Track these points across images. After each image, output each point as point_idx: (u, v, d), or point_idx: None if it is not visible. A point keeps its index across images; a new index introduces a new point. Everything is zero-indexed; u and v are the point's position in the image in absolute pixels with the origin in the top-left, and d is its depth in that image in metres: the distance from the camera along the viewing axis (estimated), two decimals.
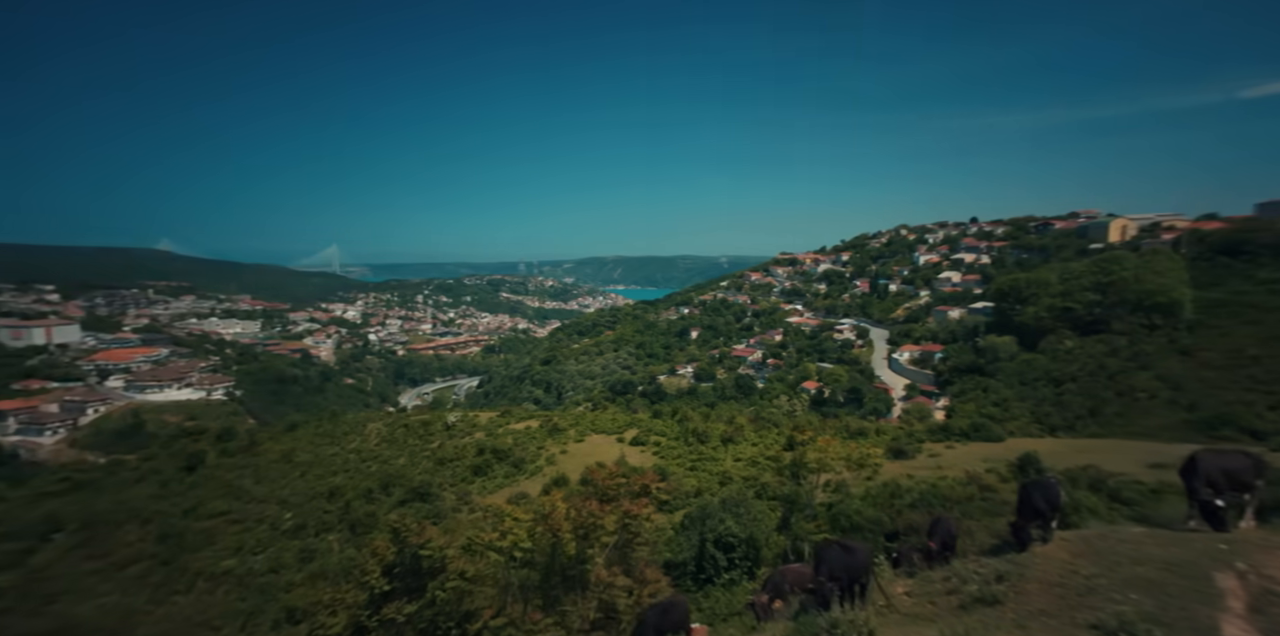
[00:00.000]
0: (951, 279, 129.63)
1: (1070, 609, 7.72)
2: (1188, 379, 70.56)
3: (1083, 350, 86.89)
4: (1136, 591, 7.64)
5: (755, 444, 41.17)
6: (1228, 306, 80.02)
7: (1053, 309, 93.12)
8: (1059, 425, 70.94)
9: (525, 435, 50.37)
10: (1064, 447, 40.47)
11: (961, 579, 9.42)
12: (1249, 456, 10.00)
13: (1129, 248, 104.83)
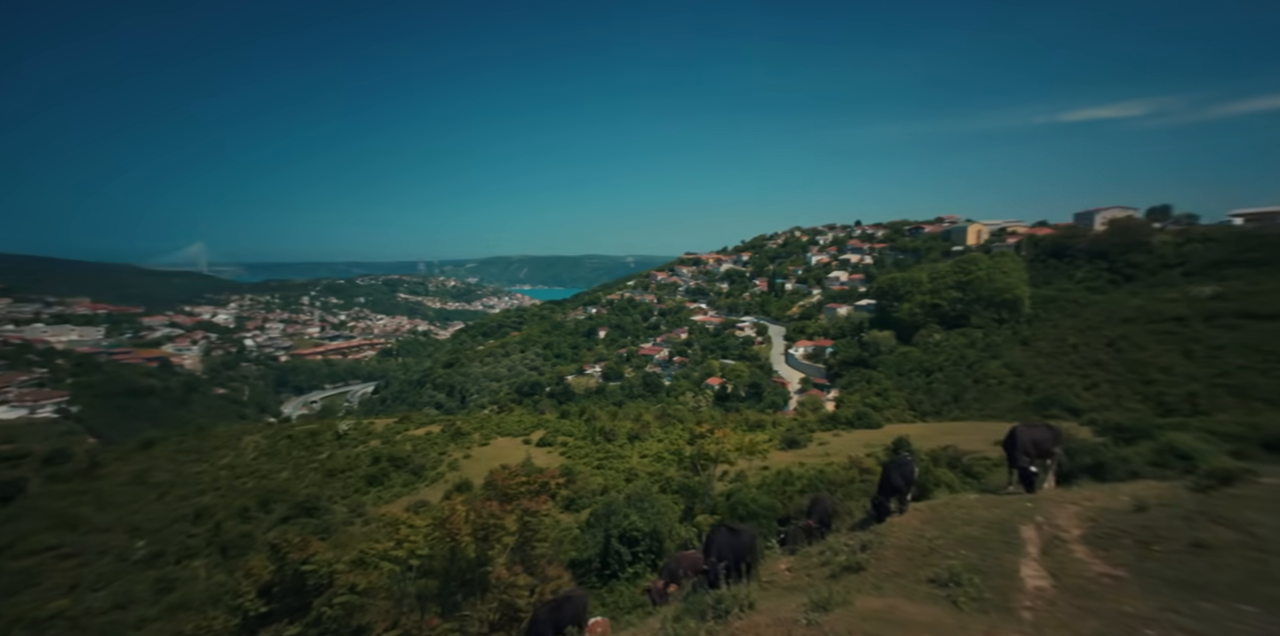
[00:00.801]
0: (840, 278, 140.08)
1: (916, 568, 8.85)
2: (1027, 366, 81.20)
3: (948, 342, 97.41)
4: (965, 548, 8.92)
5: (661, 440, 42.34)
6: (1055, 302, 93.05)
7: (923, 305, 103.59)
8: (929, 411, 78.97)
9: (426, 441, 48.24)
10: (931, 431, 45.16)
11: (834, 551, 10.45)
12: (1051, 428, 11.95)
13: (983, 250, 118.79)
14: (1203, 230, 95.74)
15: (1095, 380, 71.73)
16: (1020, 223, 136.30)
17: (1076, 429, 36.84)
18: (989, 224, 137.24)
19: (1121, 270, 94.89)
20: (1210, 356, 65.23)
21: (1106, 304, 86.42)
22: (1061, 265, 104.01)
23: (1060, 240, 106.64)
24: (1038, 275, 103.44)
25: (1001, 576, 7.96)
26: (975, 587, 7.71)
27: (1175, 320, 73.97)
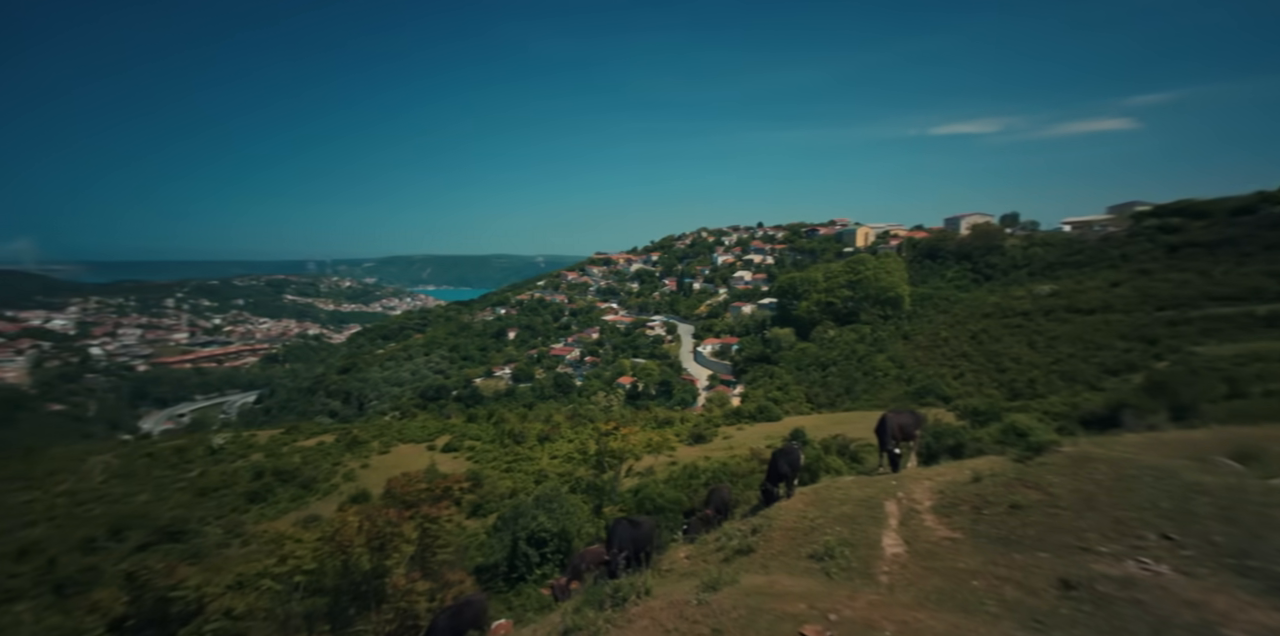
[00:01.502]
0: (744, 277, 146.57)
1: (798, 545, 9.71)
2: (907, 358, 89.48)
3: (841, 338, 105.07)
4: (840, 524, 9.91)
5: (572, 440, 42.36)
6: (930, 299, 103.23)
7: (819, 303, 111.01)
8: (824, 403, 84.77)
9: (318, 452, 44.97)
10: (825, 421, 48.59)
11: (728, 537, 11.16)
12: (914, 415, 13.48)
13: (870, 251, 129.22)
14: (1042, 236, 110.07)
15: (962, 370, 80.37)
16: (901, 226, 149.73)
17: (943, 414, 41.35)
18: (875, 227, 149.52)
19: (982, 270, 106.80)
20: (1048, 346, 75.16)
21: (970, 301, 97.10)
22: (935, 265, 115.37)
23: (933, 243, 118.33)
24: (916, 274, 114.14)
25: (867, 547, 8.95)
26: (845, 559, 8.62)
27: (1022, 315, 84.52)
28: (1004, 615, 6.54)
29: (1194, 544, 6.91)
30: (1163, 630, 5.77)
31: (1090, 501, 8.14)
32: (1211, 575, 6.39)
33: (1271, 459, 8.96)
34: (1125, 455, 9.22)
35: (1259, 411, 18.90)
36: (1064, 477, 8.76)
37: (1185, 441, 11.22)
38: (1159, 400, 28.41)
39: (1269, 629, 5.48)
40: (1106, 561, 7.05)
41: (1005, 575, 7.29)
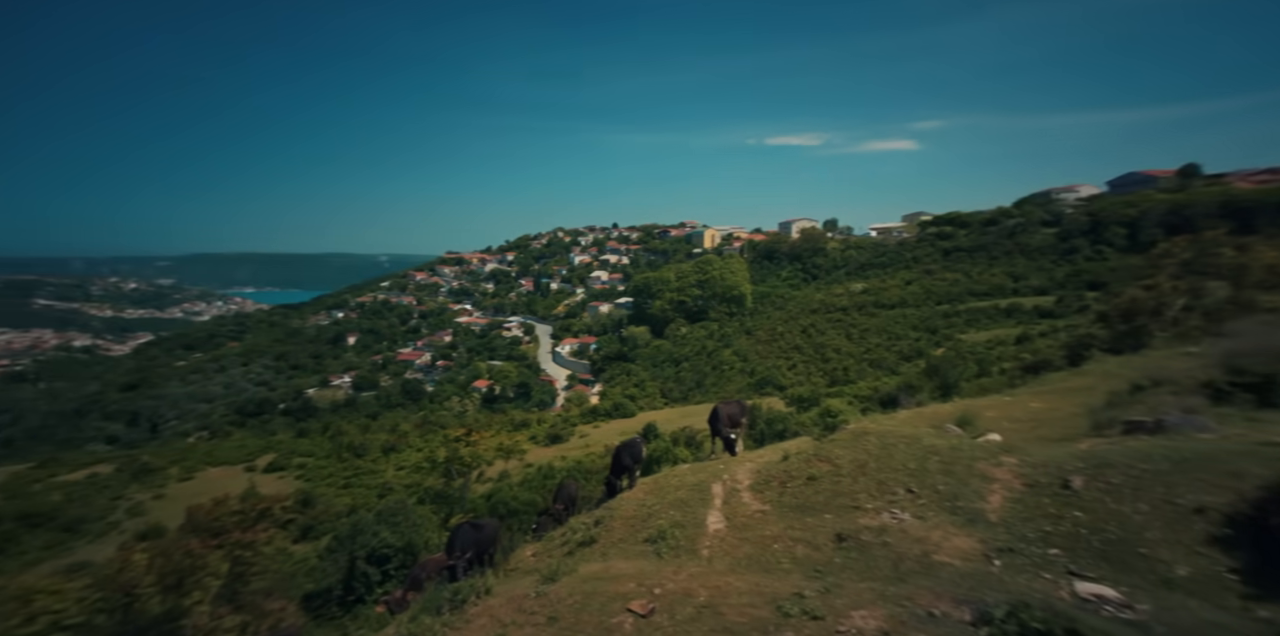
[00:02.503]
0: (601, 277, 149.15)
1: (636, 532, 10.48)
2: (750, 352, 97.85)
3: (692, 335, 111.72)
4: (674, 509, 10.88)
5: (421, 449, 40.12)
6: (769, 297, 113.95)
7: (672, 302, 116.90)
8: (678, 397, 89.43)
9: (89, 486, 37.35)
10: (677, 414, 51.47)
11: (572, 530, 11.64)
12: (740, 404, 15.12)
13: (716, 252, 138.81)
14: (856, 240, 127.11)
15: (795, 361, 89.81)
16: (743, 229, 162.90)
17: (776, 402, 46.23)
18: (721, 229, 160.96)
19: (810, 270, 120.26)
20: (860, 337, 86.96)
21: (801, 298, 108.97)
22: (772, 265, 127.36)
23: (770, 245, 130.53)
24: (756, 274, 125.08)
25: (694, 526, 9.97)
26: (675, 539, 9.54)
27: (841, 310, 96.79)
28: (794, 569, 7.80)
29: (927, 494, 8.81)
30: (900, 563, 7.34)
31: (863, 468, 9.91)
32: (934, 516, 8.24)
33: (982, 422, 11.59)
34: (890, 428, 11.33)
35: (993, 386, 23.96)
36: (846, 450, 10.53)
37: (935, 413, 13.98)
38: (933, 380, 34.48)
39: (962, 550, 7.26)
40: (869, 515, 8.71)
41: (798, 537, 8.67)
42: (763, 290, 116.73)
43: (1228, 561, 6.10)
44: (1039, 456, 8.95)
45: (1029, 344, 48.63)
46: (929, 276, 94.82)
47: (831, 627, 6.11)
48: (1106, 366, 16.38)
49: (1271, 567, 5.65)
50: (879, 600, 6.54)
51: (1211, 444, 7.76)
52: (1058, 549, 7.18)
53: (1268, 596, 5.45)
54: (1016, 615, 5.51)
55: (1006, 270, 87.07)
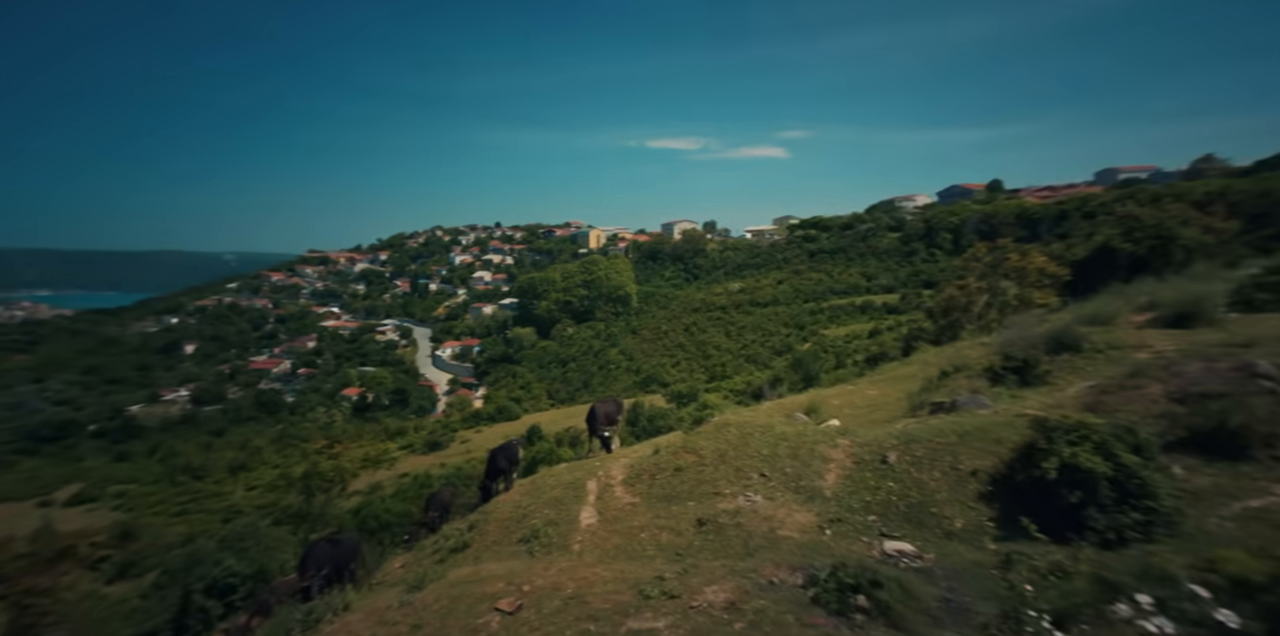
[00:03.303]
0: (484, 278, 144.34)
1: (510, 533, 10.54)
2: (636, 351, 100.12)
3: (579, 335, 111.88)
4: (549, 508, 11.07)
5: (277, 466, 36.28)
6: (653, 296, 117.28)
7: (558, 302, 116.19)
8: (565, 398, 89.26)
9: None
10: (562, 415, 51.36)
11: (445, 537, 11.41)
12: (616, 402, 15.64)
13: (602, 253, 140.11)
14: (733, 241, 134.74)
15: (678, 358, 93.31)
16: (627, 229, 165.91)
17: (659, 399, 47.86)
18: (605, 229, 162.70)
19: (691, 270, 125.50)
20: (738, 334, 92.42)
21: (683, 297, 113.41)
22: (656, 266, 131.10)
23: (654, 245, 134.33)
24: (641, 274, 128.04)
25: (568, 523, 10.24)
26: (548, 537, 9.74)
27: (720, 309, 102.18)
28: (658, 555, 8.34)
29: (776, 476, 9.81)
30: (749, 540, 8.15)
31: (723, 457, 10.77)
32: (782, 496, 9.22)
33: (828, 410, 13.04)
34: (749, 419, 12.38)
35: (845, 376, 26.82)
36: (710, 441, 11.35)
37: (792, 403, 15.44)
38: (798, 373, 37.68)
39: (802, 524, 8.23)
40: (727, 499, 9.51)
41: (664, 524, 9.25)
42: (647, 290, 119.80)
43: (989, 512, 7.55)
44: (866, 437, 10.29)
45: (878, 337, 54.76)
46: (797, 276, 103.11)
47: (686, 604, 6.66)
48: (927, 356, 19.09)
49: (1018, 513, 7.10)
50: (730, 575, 7.23)
51: (986, 418, 9.48)
52: (875, 515, 8.38)
53: (1010, 537, 6.86)
54: (835, 574, 6.40)
55: (861, 270, 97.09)
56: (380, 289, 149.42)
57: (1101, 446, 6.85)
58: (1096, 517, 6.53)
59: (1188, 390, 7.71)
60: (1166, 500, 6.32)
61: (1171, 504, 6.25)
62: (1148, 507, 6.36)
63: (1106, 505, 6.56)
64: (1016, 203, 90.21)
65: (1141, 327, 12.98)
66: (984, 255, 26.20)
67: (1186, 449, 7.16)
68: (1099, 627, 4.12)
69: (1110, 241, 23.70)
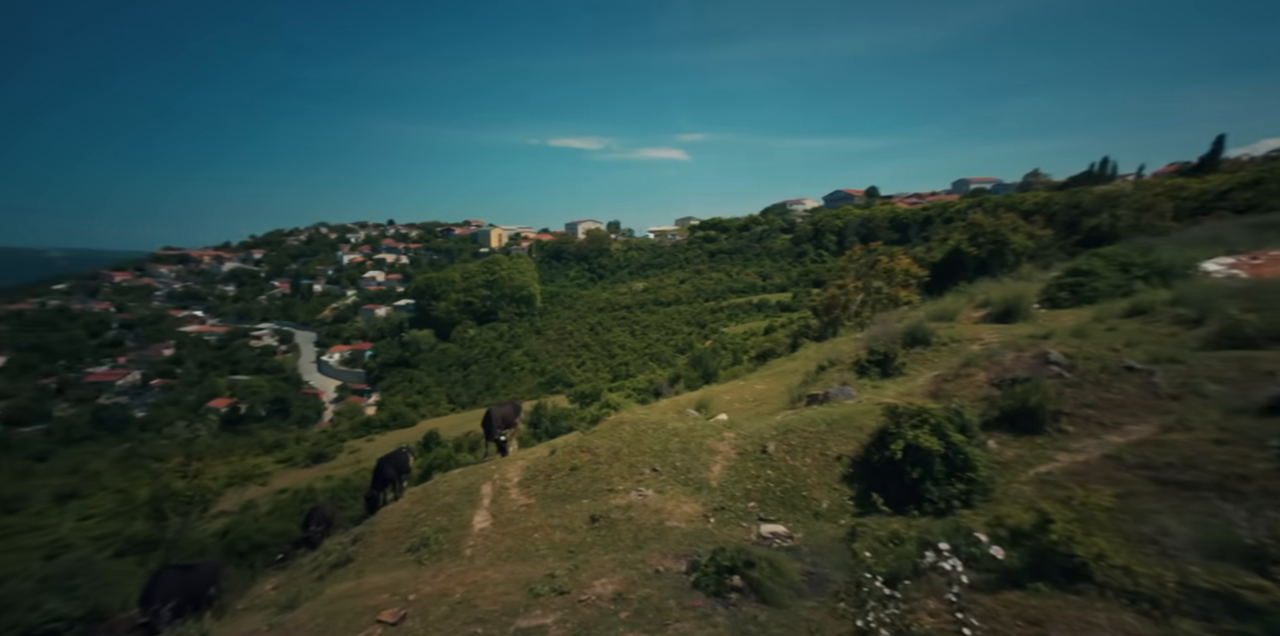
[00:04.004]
0: (376, 278, 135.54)
1: (398, 543, 10.17)
2: (540, 352, 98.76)
3: (481, 336, 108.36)
4: (441, 514, 10.79)
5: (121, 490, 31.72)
6: (558, 296, 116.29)
7: (458, 303, 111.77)
8: (467, 402, 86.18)
9: None
10: (463, 420, 49.71)
11: (326, 553, 10.76)
12: (514, 405, 15.49)
13: (504, 252, 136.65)
14: (636, 241, 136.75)
15: (583, 358, 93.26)
16: (530, 229, 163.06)
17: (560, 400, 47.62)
18: (508, 229, 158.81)
19: (596, 270, 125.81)
20: (642, 333, 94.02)
21: (588, 297, 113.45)
22: (560, 265, 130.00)
23: (558, 245, 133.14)
24: (545, 274, 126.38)
25: (461, 529, 10.05)
26: (439, 544, 9.51)
27: (625, 308, 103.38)
28: (550, 554, 8.44)
29: (668, 471, 10.24)
30: (639, 533, 8.47)
31: (618, 454, 11.05)
32: (671, 489, 9.65)
33: (718, 404, 13.77)
34: (642, 416, 12.78)
35: (740, 372, 28.26)
36: (605, 439, 11.60)
37: (685, 400, 16.09)
38: (698, 370, 39.08)
39: (689, 514, 8.70)
40: (620, 495, 9.80)
41: (557, 523, 9.37)
42: (552, 290, 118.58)
43: (851, 492, 8.43)
44: (749, 429, 11.02)
45: (771, 334, 58.10)
46: (698, 276, 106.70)
47: (575, 598, 6.84)
48: (809, 352, 20.65)
49: (874, 491, 8.00)
50: (619, 567, 7.50)
51: (851, 407, 10.52)
52: (754, 501, 9.02)
53: (865, 512, 7.72)
54: (714, 558, 6.86)
55: (757, 270, 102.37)
56: (254, 290, 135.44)
57: (937, 428, 7.88)
58: (931, 490, 7.51)
59: (1002, 376, 9.05)
60: (983, 471, 7.41)
61: (986, 474, 7.34)
62: (970, 479, 7.42)
63: (939, 479, 7.57)
64: (890, 208, 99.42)
65: (977, 322, 14.95)
66: (859, 257, 28.70)
67: (1000, 426, 8.41)
68: (917, 580, 4.81)
69: (960, 246, 26.96)
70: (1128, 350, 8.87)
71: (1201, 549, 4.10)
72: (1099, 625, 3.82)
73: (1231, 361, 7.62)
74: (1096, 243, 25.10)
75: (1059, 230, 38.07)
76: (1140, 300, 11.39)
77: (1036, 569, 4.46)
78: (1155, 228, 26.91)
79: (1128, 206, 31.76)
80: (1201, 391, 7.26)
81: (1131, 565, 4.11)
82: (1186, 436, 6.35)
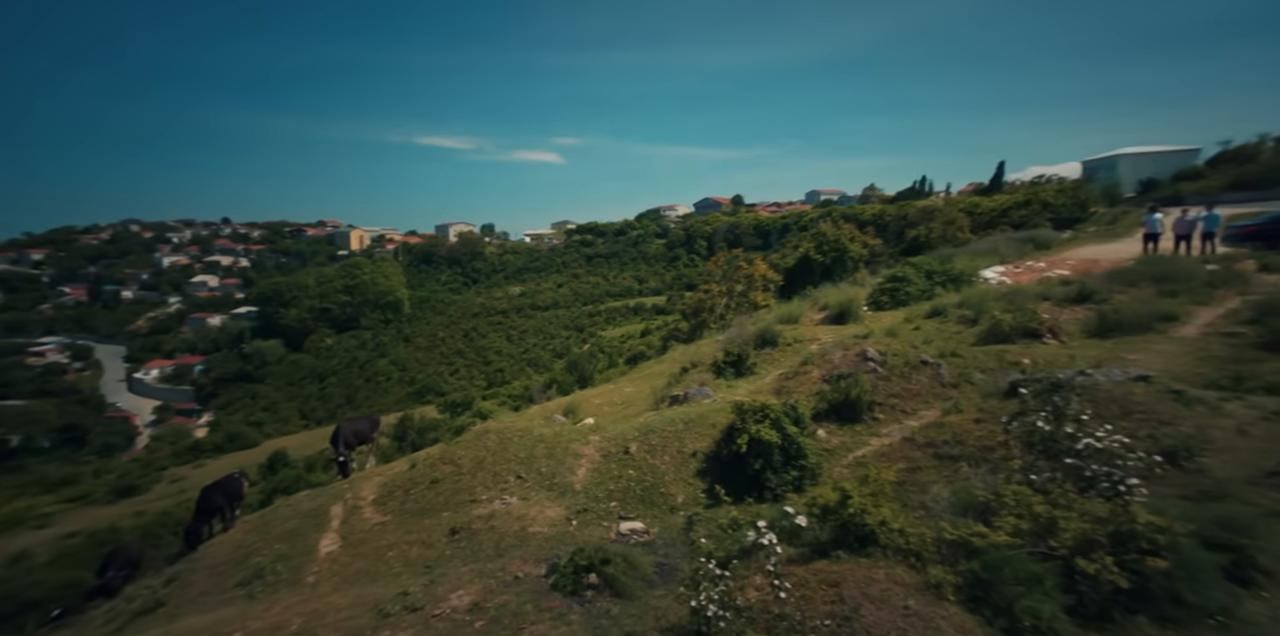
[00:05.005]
0: (208, 283, 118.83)
1: (225, 578, 9.10)
2: (409, 360, 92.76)
3: (340, 345, 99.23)
4: (281, 541, 9.84)
5: None
6: (428, 302, 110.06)
7: (313, 310, 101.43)
8: (323, 417, 78.35)
9: None
10: (318, 437, 45.11)
11: (129, 600, 9.34)
12: (370, 419, 14.52)
13: (366, 255, 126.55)
14: (512, 245, 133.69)
15: (457, 366, 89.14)
16: (396, 230, 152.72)
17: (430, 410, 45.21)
18: (370, 230, 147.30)
19: (470, 274, 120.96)
20: (520, 338, 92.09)
21: (462, 302, 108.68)
22: (430, 269, 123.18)
23: (427, 248, 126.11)
24: (414, 278, 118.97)
25: (304, 554, 9.24)
26: (276, 574, 8.67)
27: (501, 313, 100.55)
28: (405, 572, 8.08)
29: (533, 477, 10.24)
30: (501, 541, 8.40)
31: (481, 463, 10.83)
32: (536, 495, 9.67)
33: (587, 408, 13.99)
34: (509, 424, 12.64)
35: (615, 375, 28.81)
36: (469, 450, 11.31)
37: (555, 406, 16.13)
38: (574, 374, 39.16)
39: (552, 518, 8.78)
40: (483, 505, 9.62)
41: (415, 539, 8.98)
42: (421, 295, 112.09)
43: (703, 485, 9.06)
44: (613, 431, 11.35)
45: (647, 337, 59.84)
46: (576, 280, 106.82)
47: (428, 614, 6.63)
48: (676, 354, 21.68)
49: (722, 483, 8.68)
50: (478, 577, 7.38)
51: (707, 406, 11.28)
52: (616, 501, 9.33)
53: (713, 504, 8.37)
54: (572, 559, 7.02)
55: (633, 274, 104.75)
56: (34, 297, 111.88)
57: (776, 422, 8.73)
58: (770, 478, 8.32)
59: (832, 373, 10.25)
60: (813, 459, 8.36)
61: (815, 461, 8.30)
62: (802, 466, 8.34)
63: (778, 468, 8.41)
64: (754, 216, 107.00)
65: (818, 324, 16.72)
66: (723, 263, 30.64)
67: (829, 417, 9.53)
68: (745, 559, 5.36)
69: (808, 253, 29.83)
70: (924, 346, 10.50)
71: (952, 508, 5.07)
72: (878, 579, 4.56)
73: (992, 354, 9.35)
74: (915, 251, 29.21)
75: (889, 239, 43.63)
76: (938, 303, 13.50)
77: (839, 539, 5.18)
78: (958, 239, 31.84)
79: (939, 220, 37.23)
80: (971, 380, 8.83)
81: (905, 527, 4.95)
82: (958, 418, 7.70)
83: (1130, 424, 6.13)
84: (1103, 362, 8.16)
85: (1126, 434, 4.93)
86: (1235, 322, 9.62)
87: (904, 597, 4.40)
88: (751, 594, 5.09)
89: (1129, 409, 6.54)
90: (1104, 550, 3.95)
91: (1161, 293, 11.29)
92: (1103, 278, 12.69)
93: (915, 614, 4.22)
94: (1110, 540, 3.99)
